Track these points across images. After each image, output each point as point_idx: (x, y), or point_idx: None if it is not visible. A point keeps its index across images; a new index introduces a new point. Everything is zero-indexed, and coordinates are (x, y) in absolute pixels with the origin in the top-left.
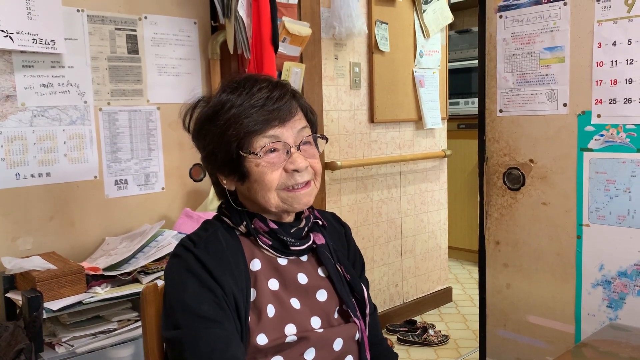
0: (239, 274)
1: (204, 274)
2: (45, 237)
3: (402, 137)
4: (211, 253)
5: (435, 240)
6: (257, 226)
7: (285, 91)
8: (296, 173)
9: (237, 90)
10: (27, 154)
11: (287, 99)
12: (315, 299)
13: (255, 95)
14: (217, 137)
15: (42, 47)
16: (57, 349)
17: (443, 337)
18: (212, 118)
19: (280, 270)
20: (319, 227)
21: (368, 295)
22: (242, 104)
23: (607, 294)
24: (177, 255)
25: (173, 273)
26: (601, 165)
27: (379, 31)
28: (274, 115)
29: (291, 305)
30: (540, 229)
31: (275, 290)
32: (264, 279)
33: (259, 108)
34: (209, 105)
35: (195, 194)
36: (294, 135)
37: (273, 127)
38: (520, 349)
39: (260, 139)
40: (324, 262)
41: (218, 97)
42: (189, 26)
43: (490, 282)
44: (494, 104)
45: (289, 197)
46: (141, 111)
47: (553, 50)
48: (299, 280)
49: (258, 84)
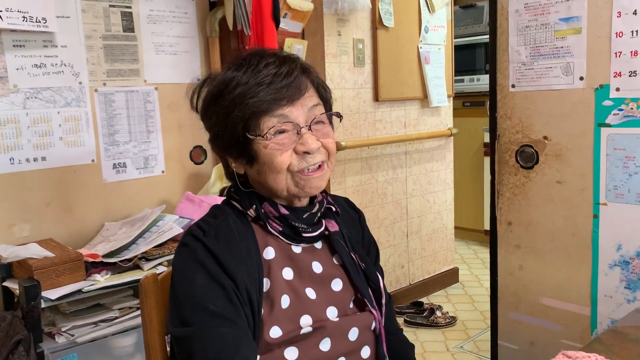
0: (251, 264)
1: (215, 266)
2: (43, 224)
3: (407, 116)
4: (222, 242)
5: (442, 221)
6: (266, 210)
7: (295, 66)
8: (307, 155)
9: (242, 66)
10: (20, 138)
11: (297, 75)
12: (331, 289)
13: (261, 72)
14: (222, 118)
15: (33, 25)
16: (57, 339)
17: (451, 319)
18: (216, 98)
19: (294, 259)
20: (332, 214)
21: (383, 284)
22: (247, 82)
23: (625, 274)
24: (186, 245)
25: (182, 264)
26: (620, 141)
27: (383, 6)
28: (282, 94)
29: (307, 296)
30: (555, 209)
31: (290, 280)
32: (278, 268)
33: (266, 86)
34: (214, 84)
35: (197, 177)
36: (305, 114)
37: (281, 107)
38: (534, 332)
39: (268, 119)
40: (338, 250)
41: (223, 75)
42: (186, 2)
43: (502, 263)
44: (505, 79)
45: (300, 181)
46: (138, 92)
47: (569, 20)
48: (314, 269)
49: (265, 59)
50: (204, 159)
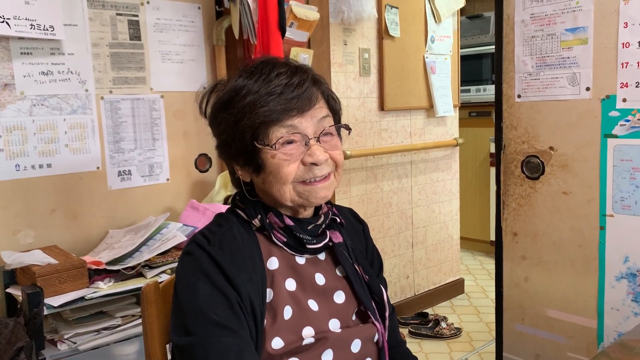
0: (255, 274)
1: (219, 275)
2: (47, 231)
3: (413, 126)
4: (226, 251)
5: (447, 231)
6: (272, 221)
7: (306, 77)
8: (315, 166)
9: (253, 75)
10: (26, 145)
11: (308, 86)
12: (333, 301)
13: (272, 81)
14: (231, 126)
15: (41, 33)
16: (59, 346)
17: (456, 330)
18: (226, 105)
19: (297, 270)
20: (337, 225)
21: (387, 296)
22: (258, 91)
23: (632, 287)
24: (190, 254)
25: (185, 273)
26: (627, 152)
27: (389, 15)
28: (293, 104)
29: (309, 307)
30: (561, 220)
31: (293, 291)
32: (281, 279)
33: (277, 96)
34: (225, 91)
35: (201, 185)
36: (314, 126)
37: (291, 117)
38: (539, 344)
39: (277, 129)
40: (342, 262)
41: (234, 83)
42: (192, 11)
43: (507, 274)
44: (511, 89)
45: (305, 191)
46: (144, 100)
47: (575, 31)
48: (317, 281)
49: (276, 68)
50: (209, 167)
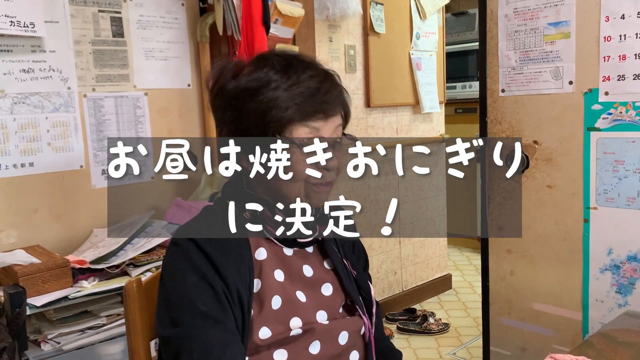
0: (242, 264)
1: (206, 265)
2: (30, 230)
3: (399, 122)
4: (214, 241)
5: (434, 227)
6: (264, 215)
7: (335, 84)
8: (325, 171)
9: (286, 70)
10: (8, 143)
11: (336, 94)
12: (321, 293)
13: (305, 82)
14: (255, 116)
15: (21, 29)
16: (42, 347)
17: (444, 325)
18: (253, 93)
19: (285, 261)
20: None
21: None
22: (289, 88)
23: (616, 279)
24: (177, 244)
25: (172, 263)
26: (609, 145)
27: (374, 12)
28: (321, 108)
29: (297, 298)
30: (545, 213)
31: (281, 282)
32: (270, 269)
33: (308, 97)
34: (252, 78)
35: (187, 183)
36: (332, 131)
37: (316, 120)
38: (526, 337)
39: (301, 128)
40: (331, 255)
41: (265, 73)
42: (176, 8)
43: (493, 268)
44: (495, 83)
45: (311, 193)
46: (128, 97)
47: (558, 25)
48: (305, 273)
49: (310, 69)
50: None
